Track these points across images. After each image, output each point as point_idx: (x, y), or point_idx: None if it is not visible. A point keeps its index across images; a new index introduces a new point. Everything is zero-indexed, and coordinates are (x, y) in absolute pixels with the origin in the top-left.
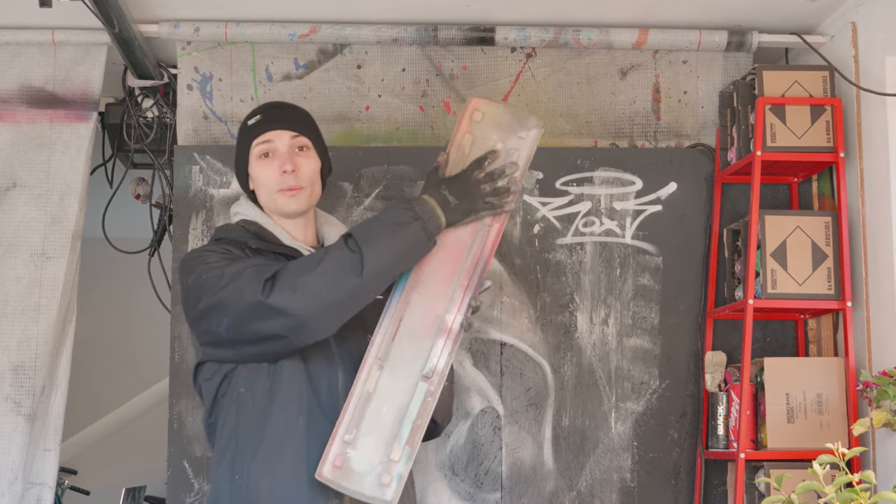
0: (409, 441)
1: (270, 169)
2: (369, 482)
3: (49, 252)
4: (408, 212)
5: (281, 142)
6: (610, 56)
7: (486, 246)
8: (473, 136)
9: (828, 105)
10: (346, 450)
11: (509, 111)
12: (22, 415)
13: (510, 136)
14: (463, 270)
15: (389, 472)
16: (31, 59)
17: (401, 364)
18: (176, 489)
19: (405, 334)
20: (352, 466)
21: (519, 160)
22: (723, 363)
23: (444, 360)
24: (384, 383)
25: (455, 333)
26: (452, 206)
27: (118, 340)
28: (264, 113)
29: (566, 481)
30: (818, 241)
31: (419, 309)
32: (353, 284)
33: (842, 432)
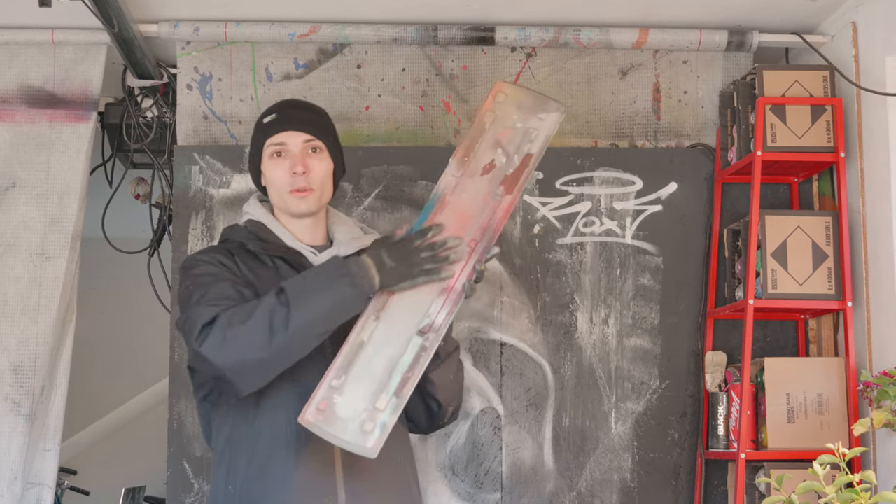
0: (396, 392)
1: (282, 169)
2: (352, 428)
3: (49, 252)
4: (341, 269)
5: (294, 143)
6: (610, 56)
7: (496, 215)
8: (495, 114)
9: (828, 105)
10: (332, 395)
11: (532, 94)
12: (21, 415)
13: (530, 116)
14: (471, 233)
15: (373, 419)
16: (31, 58)
17: (398, 316)
18: (176, 489)
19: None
20: (336, 411)
21: (535, 142)
22: (723, 363)
23: (442, 317)
24: (379, 334)
25: (456, 293)
26: (388, 268)
27: (118, 340)
28: (280, 112)
29: (566, 481)
30: (818, 241)
31: None
32: (280, 341)
33: (842, 432)
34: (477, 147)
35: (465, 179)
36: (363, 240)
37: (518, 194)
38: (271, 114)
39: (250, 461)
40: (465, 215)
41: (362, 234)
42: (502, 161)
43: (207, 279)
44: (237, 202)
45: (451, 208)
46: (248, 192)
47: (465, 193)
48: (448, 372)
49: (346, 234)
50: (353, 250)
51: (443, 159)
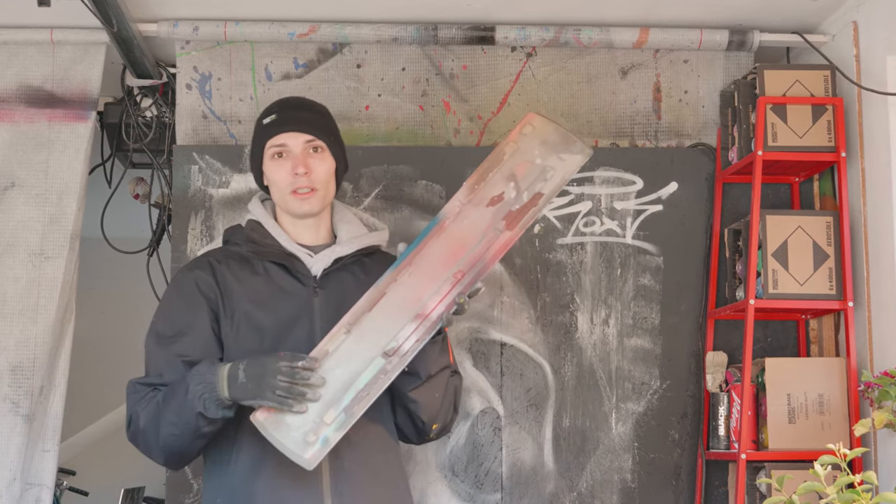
0: (347, 409)
1: (283, 170)
2: (295, 436)
3: (47, 252)
4: (197, 376)
5: (294, 143)
6: (610, 55)
7: (491, 250)
8: (517, 145)
9: (829, 104)
10: None
11: (560, 132)
12: (20, 415)
13: (552, 154)
14: (459, 265)
15: (317, 432)
16: (30, 58)
17: (367, 334)
18: (175, 490)
19: (382, 308)
20: (285, 417)
21: (549, 182)
22: (724, 363)
23: (411, 343)
24: (346, 347)
25: (430, 322)
26: (239, 383)
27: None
28: (280, 112)
29: (566, 482)
30: (819, 241)
31: (404, 288)
32: (158, 448)
33: (843, 433)
34: (490, 176)
35: (470, 207)
36: (365, 239)
37: (519, 232)
38: (271, 114)
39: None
40: (460, 244)
41: (366, 231)
42: (511, 195)
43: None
44: (236, 202)
45: (447, 235)
46: (248, 192)
47: (466, 221)
48: (432, 391)
49: (347, 233)
50: (352, 250)
51: (443, 159)
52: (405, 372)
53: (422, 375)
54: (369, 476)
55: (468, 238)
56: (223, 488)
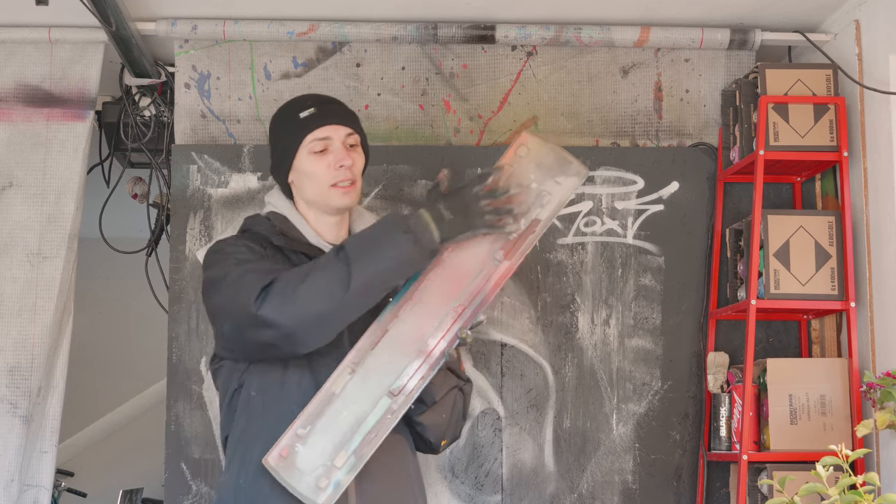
0: (356, 451)
1: (325, 163)
2: (306, 482)
3: (45, 252)
4: (400, 225)
5: (338, 136)
6: (611, 54)
7: (490, 281)
8: (512, 169)
9: (831, 104)
10: (295, 443)
11: (555, 154)
12: (18, 416)
13: (547, 178)
14: (460, 299)
15: (329, 476)
16: (28, 57)
17: (372, 374)
18: (173, 491)
19: (385, 346)
20: (296, 461)
21: (546, 207)
22: (725, 364)
23: (415, 382)
24: (351, 388)
25: (434, 359)
26: (447, 220)
27: (115, 341)
28: (318, 106)
29: (567, 483)
30: (821, 241)
31: (406, 325)
32: (340, 297)
33: (845, 434)
34: None
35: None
36: None
37: (518, 261)
38: (307, 108)
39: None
40: (459, 276)
41: None
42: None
43: (248, 256)
44: (235, 202)
45: (445, 267)
46: (247, 192)
47: (464, 253)
48: (439, 413)
49: None
50: None
51: (443, 158)
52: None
53: (427, 402)
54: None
55: (467, 270)
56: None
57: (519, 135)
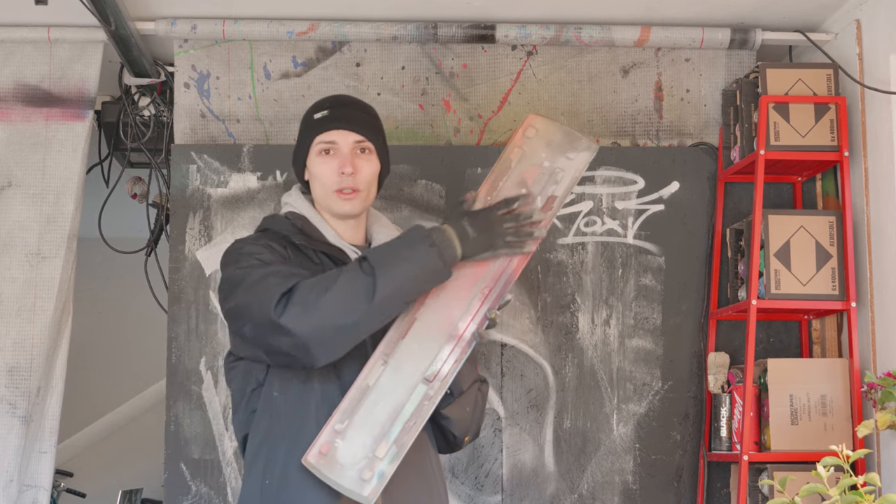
0: (397, 441)
1: (329, 167)
2: (350, 475)
3: (45, 252)
4: (425, 239)
5: (344, 142)
6: (612, 54)
7: (514, 260)
8: (523, 150)
9: (832, 103)
10: (335, 439)
11: (563, 131)
12: (17, 416)
13: (559, 155)
14: (485, 280)
15: (372, 468)
16: (27, 56)
17: (405, 363)
18: (173, 492)
19: (415, 334)
20: (337, 457)
21: (561, 184)
22: (726, 364)
23: (449, 366)
24: (385, 379)
25: (465, 342)
26: (471, 238)
27: (114, 341)
28: (332, 109)
29: (567, 484)
30: (822, 241)
31: (434, 311)
32: (363, 310)
33: (846, 434)
34: (501, 185)
35: None
36: None
37: (539, 240)
38: (322, 109)
39: (289, 455)
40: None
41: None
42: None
43: (270, 257)
44: (235, 201)
45: None
46: (246, 192)
47: None
48: (464, 406)
49: (385, 236)
50: None
51: (443, 158)
52: None
53: (454, 393)
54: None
55: None
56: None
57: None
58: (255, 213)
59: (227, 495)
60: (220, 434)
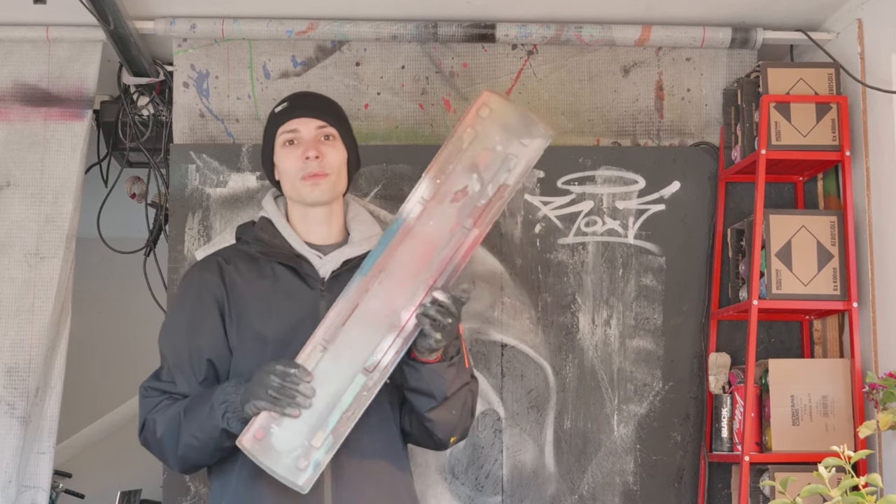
0: (333, 431)
1: (294, 156)
2: (285, 463)
3: (43, 252)
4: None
5: (306, 129)
6: (612, 53)
7: (461, 250)
8: (476, 131)
9: (833, 103)
10: (270, 424)
11: (519, 113)
12: (16, 417)
13: (513, 140)
14: (430, 269)
15: (307, 457)
16: (25, 56)
17: (345, 351)
18: (172, 493)
19: (356, 321)
20: (272, 442)
21: (513, 171)
22: (727, 365)
23: (390, 357)
24: (324, 366)
25: (408, 332)
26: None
27: (113, 341)
28: (291, 100)
29: (568, 485)
30: (823, 241)
31: (376, 299)
32: (177, 458)
33: (847, 435)
34: (451, 168)
35: (433, 205)
36: (376, 240)
37: (487, 228)
38: (283, 103)
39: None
40: (428, 247)
41: (380, 232)
42: (475, 189)
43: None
44: (234, 201)
45: (414, 237)
46: (246, 192)
47: (432, 221)
48: (449, 409)
49: (360, 233)
50: (363, 251)
51: None
52: (421, 393)
53: (437, 398)
54: (371, 481)
55: (436, 239)
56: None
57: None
58: (254, 213)
59: None
60: None
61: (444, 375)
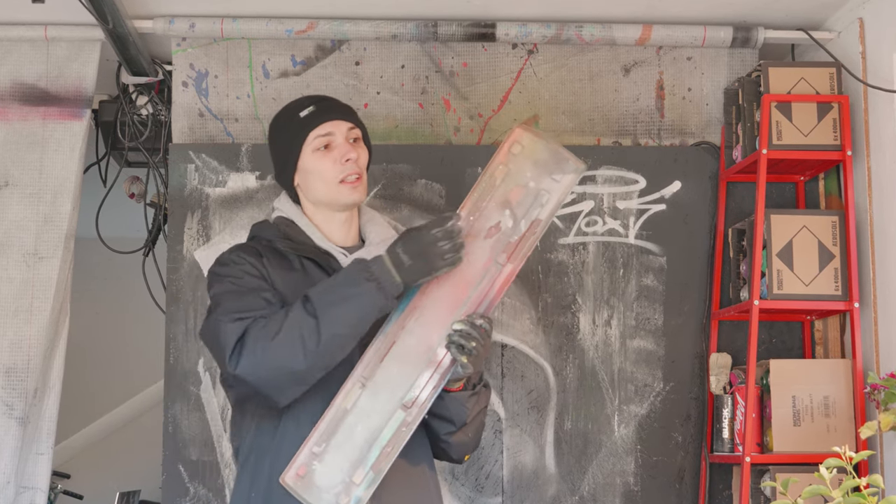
0: (374, 466)
1: (330, 160)
2: (327, 499)
3: (42, 252)
4: (363, 273)
5: (340, 131)
6: (613, 52)
7: (495, 286)
8: (508, 168)
9: (835, 102)
10: (312, 461)
11: (550, 149)
12: (14, 418)
13: (545, 176)
14: (466, 305)
15: (348, 493)
16: (24, 55)
17: (383, 387)
18: (171, 493)
19: (394, 358)
20: (314, 479)
21: (545, 207)
22: (728, 365)
23: (428, 392)
24: (363, 403)
25: (444, 368)
26: (407, 265)
27: (112, 342)
28: (316, 104)
29: (568, 485)
30: (825, 241)
31: (413, 335)
32: (312, 353)
33: (849, 435)
34: (485, 205)
35: (468, 241)
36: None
37: (521, 263)
38: (306, 107)
39: (273, 467)
40: (463, 283)
41: (395, 234)
42: (508, 225)
43: (233, 288)
44: (233, 201)
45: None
46: (245, 191)
47: (467, 258)
48: (466, 433)
49: (378, 234)
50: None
51: (442, 158)
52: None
53: (457, 424)
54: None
55: (470, 276)
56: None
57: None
58: (254, 212)
59: (226, 497)
60: (219, 435)
61: (466, 405)
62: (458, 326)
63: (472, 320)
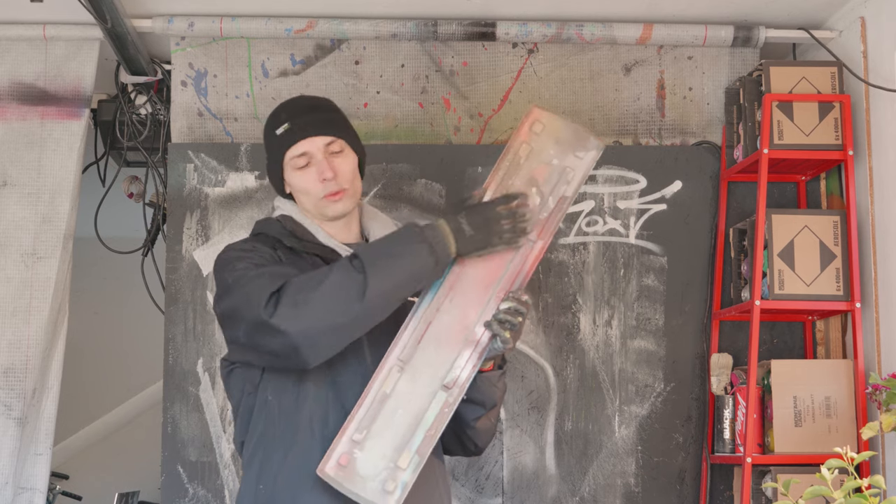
0: (419, 450)
1: (310, 178)
2: (373, 487)
3: (40, 252)
4: (417, 235)
5: (315, 149)
6: (613, 52)
7: (528, 261)
8: (531, 146)
9: (836, 101)
10: (353, 449)
11: (570, 127)
12: (12, 418)
13: (568, 153)
14: (500, 283)
15: (395, 479)
16: (22, 54)
17: (423, 369)
18: (170, 494)
19: (431, 339)
20: (357, 468)
21: (571, 183)
22: (729, 365)
23: (468, 371)
24: (403, 386)
25: (482, 346)
26: (468, 235)
27: (111, 342)
28: (291, 119)
29: (569, 486)
30: (826, 241)
31: (449, 316)
32: (356, 308)
33: (850, 436)
34: (511, 183)
35: None
36: None
37: (550, 239)
38: (281, 123)
39: (284, 459)
40: (496, 262)
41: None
42: (536, 202)
43: (259, 259)
44: (232, 201)
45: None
46: (244, 191)
47: None
48: (491, 418)
49: (381, 231)
50: None
51: (443, 157)
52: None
53: (487, 406)
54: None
55: (503, 254)
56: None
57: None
58: (253, 212)
59: (225, 497)
60: (218, 436)
61: (497, 384)
62: (506, 305)
63: (517, 296)
